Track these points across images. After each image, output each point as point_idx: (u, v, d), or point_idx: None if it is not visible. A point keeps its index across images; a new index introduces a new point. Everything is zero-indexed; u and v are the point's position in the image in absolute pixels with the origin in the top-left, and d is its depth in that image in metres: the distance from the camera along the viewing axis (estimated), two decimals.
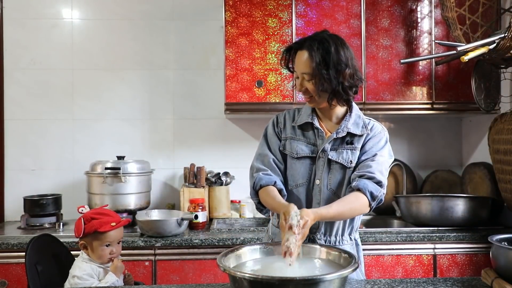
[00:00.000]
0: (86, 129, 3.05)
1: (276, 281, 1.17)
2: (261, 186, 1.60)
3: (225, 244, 2.35)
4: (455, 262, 2.45)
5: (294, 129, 1.68)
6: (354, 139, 1.63)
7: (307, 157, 1.63)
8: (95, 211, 1.84)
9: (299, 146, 1.64)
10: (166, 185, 3.10)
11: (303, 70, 1.58)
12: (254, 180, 1.63)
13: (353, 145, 1.62)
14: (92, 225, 1.75)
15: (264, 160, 1.67)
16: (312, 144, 1.64)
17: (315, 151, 1.63)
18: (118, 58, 3.06)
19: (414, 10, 2.80)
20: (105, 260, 1.78)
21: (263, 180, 1.60)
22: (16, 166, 3.00)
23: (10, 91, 3.00)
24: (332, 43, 1.55)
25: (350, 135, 1.63)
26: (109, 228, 1.76)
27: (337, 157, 1.61)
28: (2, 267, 2.34)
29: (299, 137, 1.66)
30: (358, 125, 1.64)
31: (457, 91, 2.79)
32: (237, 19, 2.72)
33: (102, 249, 1.76)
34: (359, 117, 1.66)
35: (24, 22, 3.02)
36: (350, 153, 1.61)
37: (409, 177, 3.08)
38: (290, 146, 1.66)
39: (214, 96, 3.06)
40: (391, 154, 1.65)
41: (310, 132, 1.66)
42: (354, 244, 1.68)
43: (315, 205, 1.62)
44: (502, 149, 2.43)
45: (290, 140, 1.66)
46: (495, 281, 1.47)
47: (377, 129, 1.66)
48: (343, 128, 1.62)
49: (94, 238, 1.76)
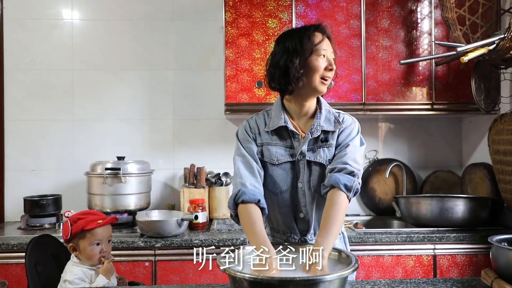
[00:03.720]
0: (86, 129, 3.05)
1: (276, 281, 1.17)
2: (242, 201, 1.50)
3: (225, 245, 2.35)
4: (455, 263, 2.45)
5: (269, 134, 1.62)
6: (328, 136, 1.59)
7: (287, 162, 1.59)
8: (80, 212, 1.83)
9: (278, 152, 1.59)
10: (166, 185, 3.10)
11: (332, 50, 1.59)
12: (236, 192, 1.53)
13: (328, 142, 1.59)
14: (78, 225, 1.74)
15: (246, 165, 1.59)
16: (289, 147, 1.60)
17: (294, 155, 1.59)
18: (118, 58, 3.06)
19: (414, 11, 2.80)
20: (95, 261, 1.75)
21: (246, 196, 1.50)
22: (16, 166, 3.01)
23: (10, 92, 3.00)
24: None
25: (324, 132, 1.59)
26: (96, 225, 1.75)
27: (314, 157, 1.58)
28: (2, 267, 2.34)
29: (275, 142, 1.61)
30: (330, 121, 1.61)
31: (457, 91, 2.79)
32: (237, 20, 2.72)
33: (92, 249, 1.74)
34: (329, 112, 1.63)
35: (24, 22, 3.02)
36: (326, 150, 1.58)
37: (409, 177, 3.08)
38: (268, 152, 1.60)
39: (214, 97, 3.06)
40: (362, 142, 1.62)
41: (286, 135, 1.61)
42: (342, 237, 1.69)
43: (301, 208, 1.60)
44: (502, 149, 2.43)
45: (267, 146, 1.61)
46: (495, 282, 1.47)
47: (347, 121, 1.63)
48: (316, 126, 1.58)
49: (82, 238, 1.74)
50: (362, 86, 2.75)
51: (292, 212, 1.62)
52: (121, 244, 2.33)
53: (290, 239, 1.64)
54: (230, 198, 1.56)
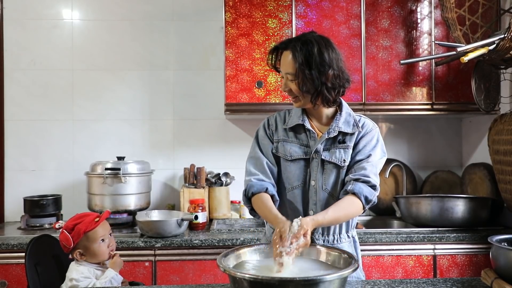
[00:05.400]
0: (86, 129, 3.05)
1: (276, 281, 1.17)
2: (252, 194, 1.59)
3: (225, 245, 2.35)
4: (455, 263, 2.45)
5: (286, 131, 1.68)
6: (346, 138, 1.63)
7: (301, 159, 1.63)
8: (73, 218, 1.81)
9: (292, 148, 1.64)
10: (166, 185, 3.10)
11: (287, 70, 1.59)
12: (245, 187, 1.62)
13: (345, 143, 1.62)
14: (78, 230, 1.74)
15: (256, 163, 1.66)
16: (305, 146, 1.64)
17: (309, 153, 1.63)
18: (118, 58, 3.06)
19: (414, 11, 2.80)
20: (106, 256, 1.79)
21: (254, 188, 1.59)
22: (16, 166, 3.01)
23: (10, 92, 3.00)
24: (315, 44, 1.56)
25: (342, 134, 1.63)
26: (95, 224, 1.77)
27: (330, 157, 1.61)
28: (2, 267, 2.34)
29: (291, 139, 1.66)
30: (349, 124, 1.64)
31: (457, 91, 2.79)
32: (237, 20, 2.72)
33: (99, 246, 1.77)
34: (349, 115, 1.66)
35: (24, 22, 3.02)
36: (342, 152, 1.62)
37: (409, 177, 3.08)
38: (283, 149, 1.65)
39: (214, 97, 3.06)
40: (384, 151, 1.66)
41: (302, 134, 1.66)
42: (352, 242, 1.69)
43: (311, 206, 1.63)
44: (502, 149, 2.43)
45: (283, 143, 1.66)
46: (495, 282, 1.47)
47: (368, 126, 1.66)
48: (334, 127, 1.62)
49: (87, 241, 1.75)
50: (362, 86, 2.75)
51: (302, 210, 1.64)
52: (121, 244, 2.33)
53: None
54: (242, 195, 1.64)
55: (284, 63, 1.60)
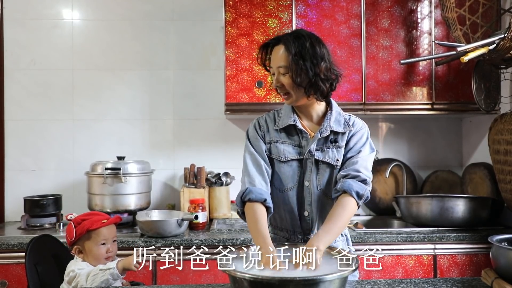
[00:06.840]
0: (86, 129, 3.05)
1: (276, 281, 1.17)
2: (249, 200, 1.55)
3: (225, 245, 2.35)
4: (455, 263, 2.45)
5: (278, 132, 1.65)
6: (337, 137, 1.62)
7: (294, 159, 1.62)
8: (84, 214, 1.83)
9: (286, 149, 1.62)
10: (166, 185, 3.10)
11: (279, 64, 1.57)
12: (243, 189, 1.58)
13: (338, 143, 1.62)
14: (83, 226, 1.74)
15: (255, 162, 1.63)
16: (297, 146, 1.63)
17: (302, 153, 1.62)
18: (118, 58, 3.06)
19: (414, 11, 2.80)
20: (102, 261, 1.75)
21: (252, 194, 1.54)
22: (16, 166, 3.01)
23: (10, 91, 3.00)
24: (307, 38, 1.56)
25: (334, 133, 1.62)
26: (101, 224, 1.76)
27: (323, 156, 1.60)
28: (2, 267, 2.34)
29: (283, 140, 1.64)
30: (340, 123, 1.63)
31: (457, 91, 2.79)
32: (237, 20, 2.72)
33: (98, 248, 1.75)
34: (339, 114, 1.66)
35: (24, 22, 3.02)
36: (335, 151, 1.61)
37: (409, 177, 3.08)
38: (276, 150, 1.63)
39: (214, 97, 3.06)
40: (372, 147, 1.66)
41: (294, 134, 1.64)
42: (345, 240, 1.70)
43: (306, 207, 1.62)
44: (502, 149, 2.43)
45: (276, 143, 1.64)
46: (495, 282, 1.47)
47: (358, 125, 1.66)
48: (326, 127, 1.61)
49: (88, 239, 1.74)
50: (362, 86, 2.75)
51: (296, 210, 1.63)
52: (121, 244, 2.33)
53: (293, 237, 1.65)
54: (237, 195, 1.60)
55: (275, 57, 1.59)
